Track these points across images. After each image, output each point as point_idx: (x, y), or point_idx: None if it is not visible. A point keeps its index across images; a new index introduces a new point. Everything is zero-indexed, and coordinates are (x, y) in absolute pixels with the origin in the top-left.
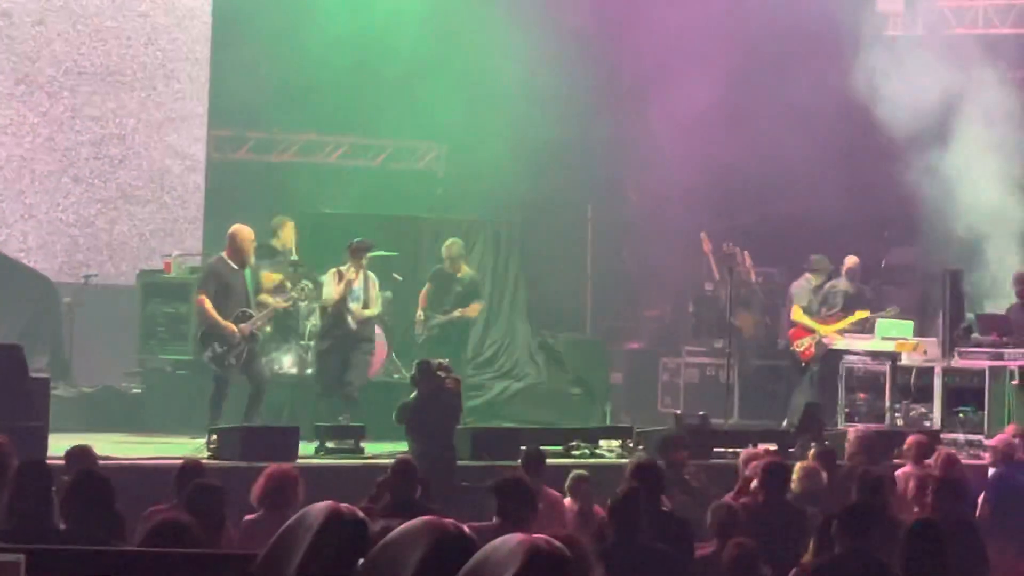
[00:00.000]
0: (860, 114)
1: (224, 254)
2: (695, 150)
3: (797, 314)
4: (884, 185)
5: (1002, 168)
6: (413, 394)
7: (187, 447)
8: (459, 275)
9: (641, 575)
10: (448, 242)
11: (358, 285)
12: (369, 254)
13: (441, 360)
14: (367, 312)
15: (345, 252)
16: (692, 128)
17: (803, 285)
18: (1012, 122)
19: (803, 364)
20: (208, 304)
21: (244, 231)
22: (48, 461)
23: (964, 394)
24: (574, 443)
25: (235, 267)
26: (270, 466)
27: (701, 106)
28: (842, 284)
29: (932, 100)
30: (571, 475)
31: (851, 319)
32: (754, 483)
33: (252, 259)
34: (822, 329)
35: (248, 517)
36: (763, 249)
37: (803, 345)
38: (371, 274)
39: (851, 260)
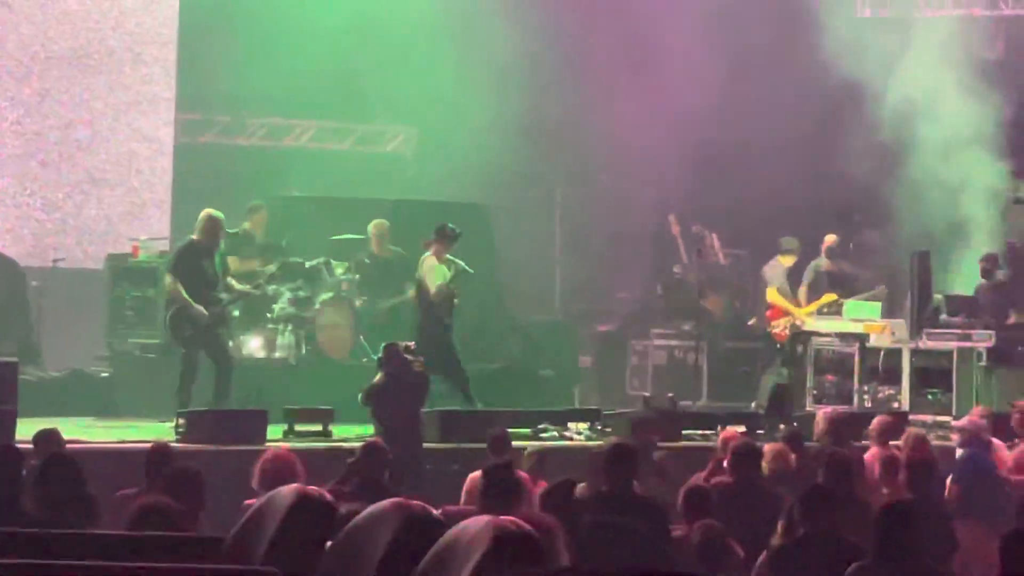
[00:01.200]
0: (830, 96)
1: (195, 237)
2: (664, 133)
3: (772, 295)
4: (853, 167)
5: (971, 150)
6: (378, 376)
7: (156, 431)
8: (388, 256)
9: (617, 556)
10: (375, 222)
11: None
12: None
13: (408, 343)
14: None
15: (439, 237)
16: (662, 111)
17: (776, 267)
18: (982, 103)
19: (778, 346)
20: (179, 287)
21: (215, 215)
22: (17, 445)
23: (932, 375)
24: (543, 425)
25: (206, 250)
26: (267, 450)
27: (671, 89)
28: (824, 264)
29: (902, 81)
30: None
31: (820, 301)
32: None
33: (221, 243)
34: (796, 311)
35: (248, 502)
36: (732, 231)
37: (779, 326)
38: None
39: (830, 239)
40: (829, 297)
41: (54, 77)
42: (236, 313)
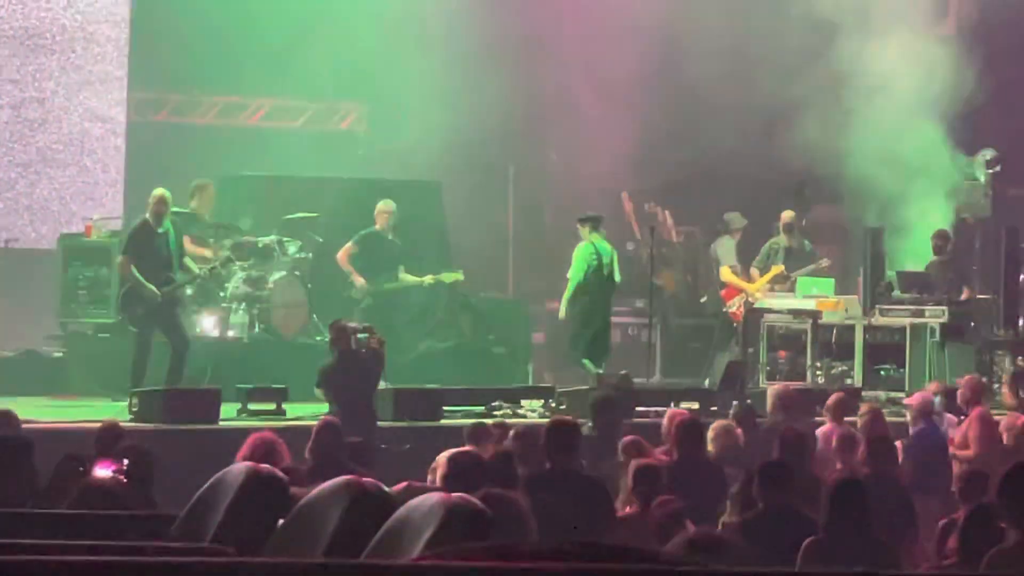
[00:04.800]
0: (778, 71)
1: (147, 217)
2: (616, 110)
3: (726, 274)
4: (804, 142)
5: (925, 126)
6: (330, 358)
7: (109, 410)
8: (391, 237)
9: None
10: (381, 204)
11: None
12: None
13: (365, 323)
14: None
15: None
16: (613, 87)
17: (727, 244)
18: (936, 78)
19: (733, 324)
20: (131, 266)
21: (156, 193)
22: None
23: (885, 351)
24: (496, 403)
25: (158, 230)
26: (252, 435)
27: (623, 65)
28: (782, 240)
29: (855, 55)
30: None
31: (768, 275)
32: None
33: (166, 221)
34: (749, 288)
35: None
36: (684, 208)
37: (734, 305)
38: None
39: (787, 215)
40: (777, 269)
41: (5, 56)
42: (189, 292)
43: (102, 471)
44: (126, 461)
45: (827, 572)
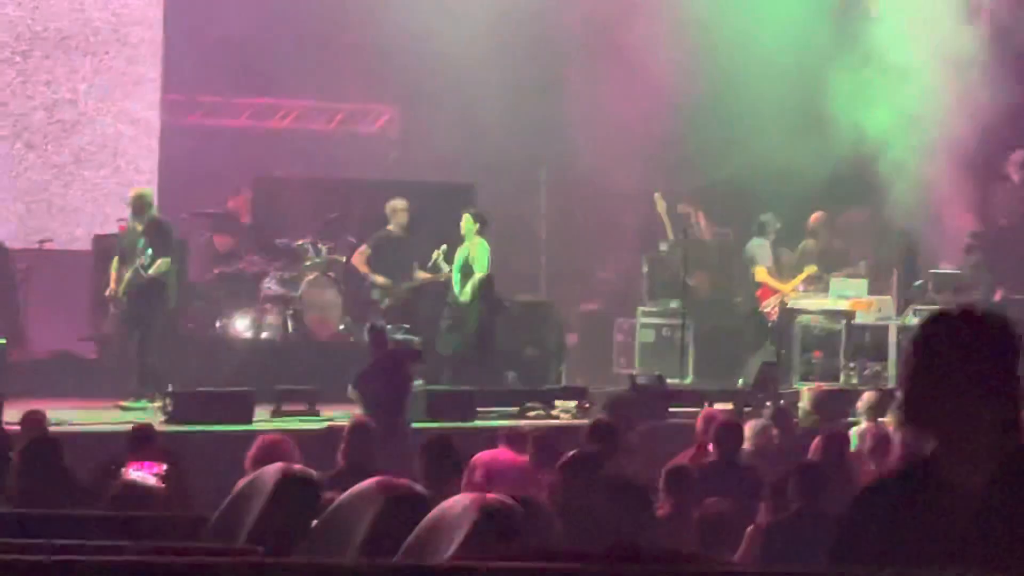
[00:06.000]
0: (811, 73)
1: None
2: (649, 110)
3: (762, 275)
4: (838, 142)
5: (958, 126)
6: (368, 359)
7: (142, 412)
8: (404, 236)
9: (595, 536)
10: (393, 203)
11: None
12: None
13: (399, 325)
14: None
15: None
16: (646, 89)
17: (762, 245)
18: (969, 78)
19: (769, 325)
20: (112, 267)
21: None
22: (4, 427)
23: None
24: (529, 404)
25: (137, 229)
26: (258, 438)
27: (655, 66)
28: (811, 243)
29: (887, 55)
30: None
31: (801, 276)
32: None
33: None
34: (784, 288)
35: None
36: (717, 209)
37: (770, 305)
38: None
39: (816, 216)
40: (810, 269)
41: (38, 58)
42: (223, 293)
43: (136, 473)
44: (165, 466)
45: (859, 572)
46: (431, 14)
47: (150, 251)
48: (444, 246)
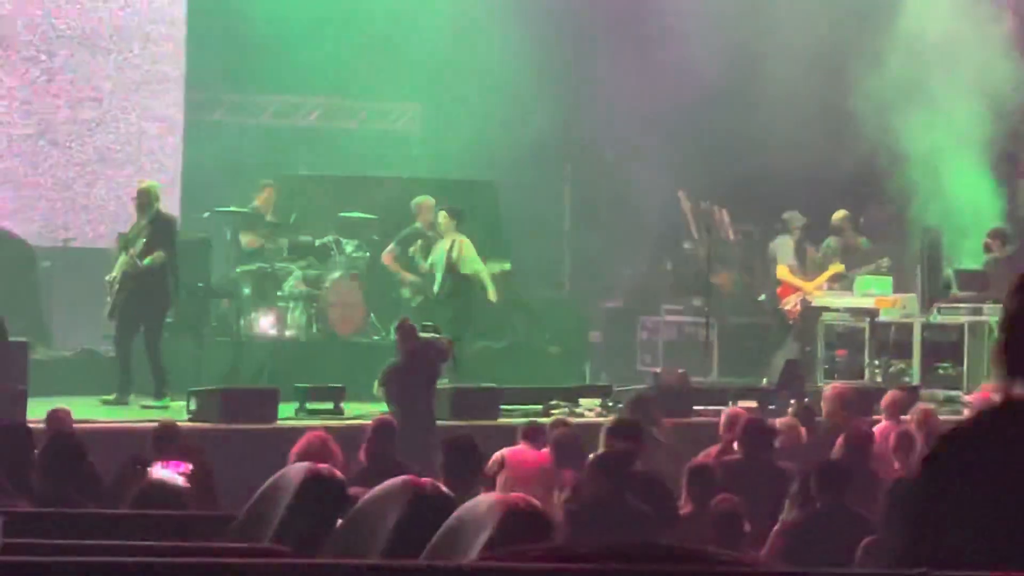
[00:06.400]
0: (834, 69)
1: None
2: (672, 108)
3: (783, 272)
4: (861, 141)
5: (984, 125)
6: (396, 357)
7: (166, 410)
8: (432, 234)
9: (622, 534)
10: (421, 200)
11: None
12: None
13: (426, 322)
14: None
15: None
16: (669, 85)
17: (785, 243)
18: (996, 78)
19: (789, 323)
20: (117, 260)
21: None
22: (28, 424)
23: (943, 350)
24: (553, 402)
25: (141, 223)
26: (307, 433)
27: (678, 62)
28: (834, 241)
29: (910, 54)
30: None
31: (827, 274)
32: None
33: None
34: (806, 286)
35: None
36: (741, 207)
37: (790, 303)
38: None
39: (839, 215)
40: (836, 268)
41: (62, 56)
42: (247, 291)
43: (162, 471)
44: (190, 466)
45: (886, 572)
46: (454, 11)
47: (143, 240)
48: (419, 241)
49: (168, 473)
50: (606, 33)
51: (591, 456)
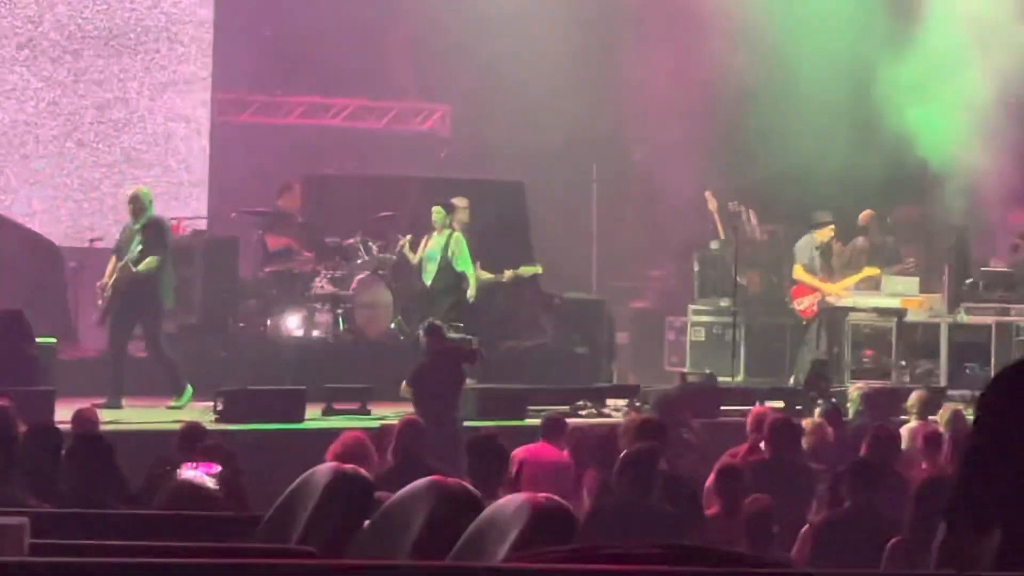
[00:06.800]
0: (863, 67)
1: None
2: (700, 107)
3: (798, 272)
4: (889, 140)
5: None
6: (425, 358)
7: (193, 411)
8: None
9: (648, 535)
10: (455, 200)
11: None
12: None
13: (455, 323)
14: None
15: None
16: (697, 84)
17: (806, 242)
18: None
19: (804, 323)
20: (109, 265)
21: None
22: (55, 425)
23: (970, 350)
24: (581, 403)
25: (133, 228)
26: (344, 433)
27: (705, 62)
28: (860, 241)
29: (936, 51)
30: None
31: (857, 276)
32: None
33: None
34: (826, 288)
35: None
36: (768, 207)
37: (803, 304)
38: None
39: (866, 214)
40: (870, 271)
41: (89, 57)
42: (274, 292)
43: (191, 472)
44: (219, 468)
45: (914, 573)
46: (483, 11)
47: (139, 247)
48: (409, 235)
49: (198, 474)
50: (634, 32)
51: (616, 457)
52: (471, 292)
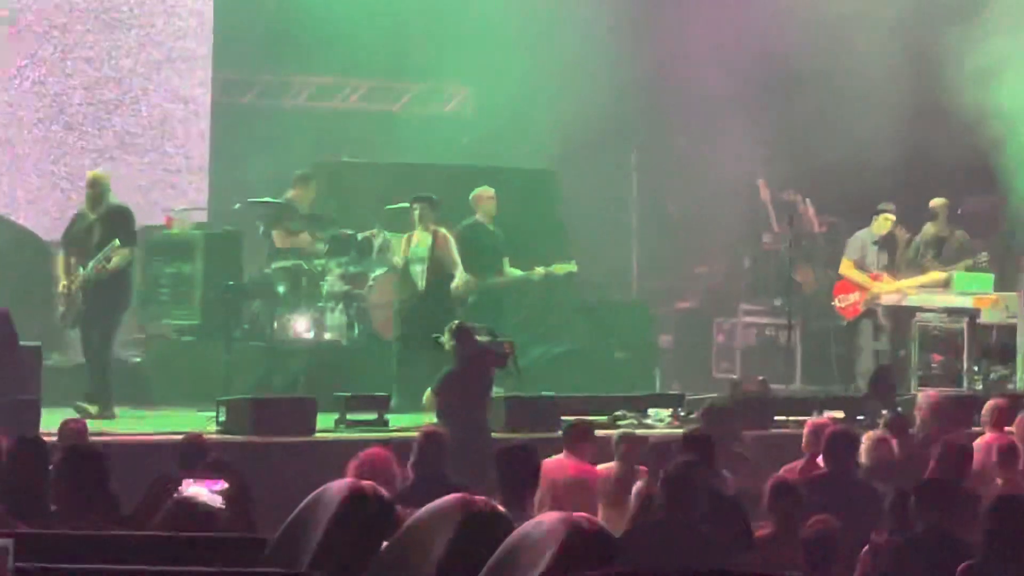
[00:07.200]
0: (930, 46)
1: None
2: (752, 88)
3: (845, 267)
4: (958, 125)
5: None
6: (454, 363)
7: (192, 421)
8: (493, 228)
9: (691, 557)
10: (480, 191)
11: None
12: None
13: (482, 325)
14: None
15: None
16: (749, 61)
17: (860, 236)
18: None
19: (845, 322)
20: (59, 260)
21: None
22: (42, 437)
23: None
24: (620, 412)
25: (91, 217)
26: (363, 452)
27: (756, 41)
28: (930, 230)
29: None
30: (617, 434)
31: (922, 278)
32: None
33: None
34: (875, 287)
35: None
36: (827, 197)
37: (846, 301)
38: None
39: (938, 201)
40: (936, 275)
41: (79, 32)
42: (281, 290)
43: (193, 489)
44: (224, 484)
45: None
46: None
47: (117, 242)
48: (384, 231)
49: (200, 491)
50: (676, 4)
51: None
52: (458, 289)
